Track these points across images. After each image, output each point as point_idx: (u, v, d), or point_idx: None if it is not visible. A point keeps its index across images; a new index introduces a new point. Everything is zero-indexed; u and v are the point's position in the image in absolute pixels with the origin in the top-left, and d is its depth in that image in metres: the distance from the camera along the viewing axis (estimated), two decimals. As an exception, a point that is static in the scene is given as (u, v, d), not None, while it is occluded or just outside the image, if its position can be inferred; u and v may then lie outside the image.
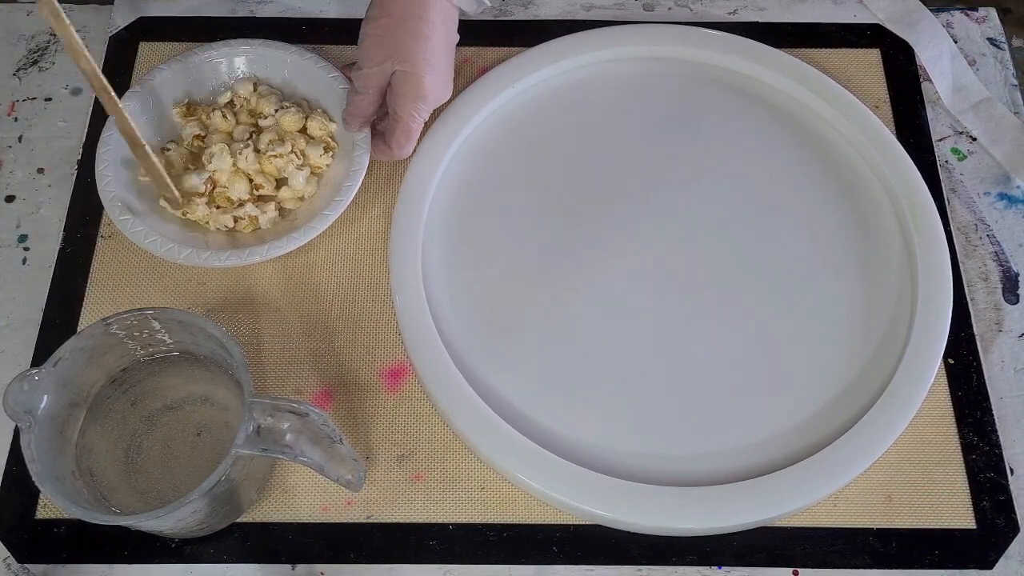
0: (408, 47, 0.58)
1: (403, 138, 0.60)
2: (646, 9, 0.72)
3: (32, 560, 0.53)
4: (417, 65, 0.58)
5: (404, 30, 0.58)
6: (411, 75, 0.59)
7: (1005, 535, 0.53)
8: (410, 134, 0.60)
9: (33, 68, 0.69)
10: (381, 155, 0.62)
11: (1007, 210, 0.64)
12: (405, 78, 0.59)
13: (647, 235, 0.61)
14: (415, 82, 0.59)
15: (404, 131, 0.60)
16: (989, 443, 0.56)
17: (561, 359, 0.58)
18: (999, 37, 0.71)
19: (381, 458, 0.55)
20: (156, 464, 0.54)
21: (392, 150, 0.61)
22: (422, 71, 0.59)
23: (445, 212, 0.63)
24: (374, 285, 0.60)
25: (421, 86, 0.59)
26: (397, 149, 0.61)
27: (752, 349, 0.58)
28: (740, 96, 0.67)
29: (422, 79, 0.59)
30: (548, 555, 0.53)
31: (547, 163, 0.64)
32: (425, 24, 0.59)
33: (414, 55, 0.58)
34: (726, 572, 0.53)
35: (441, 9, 0.60)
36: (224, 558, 0.53)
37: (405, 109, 0.59)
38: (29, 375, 0.49)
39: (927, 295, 0.58)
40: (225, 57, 0.64)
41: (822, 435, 0.55)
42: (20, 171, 0.65)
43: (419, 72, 0.58)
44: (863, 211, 0.63)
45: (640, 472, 0.54)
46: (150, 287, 0.60)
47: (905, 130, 0.66)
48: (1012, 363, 0.59)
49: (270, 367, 0.58)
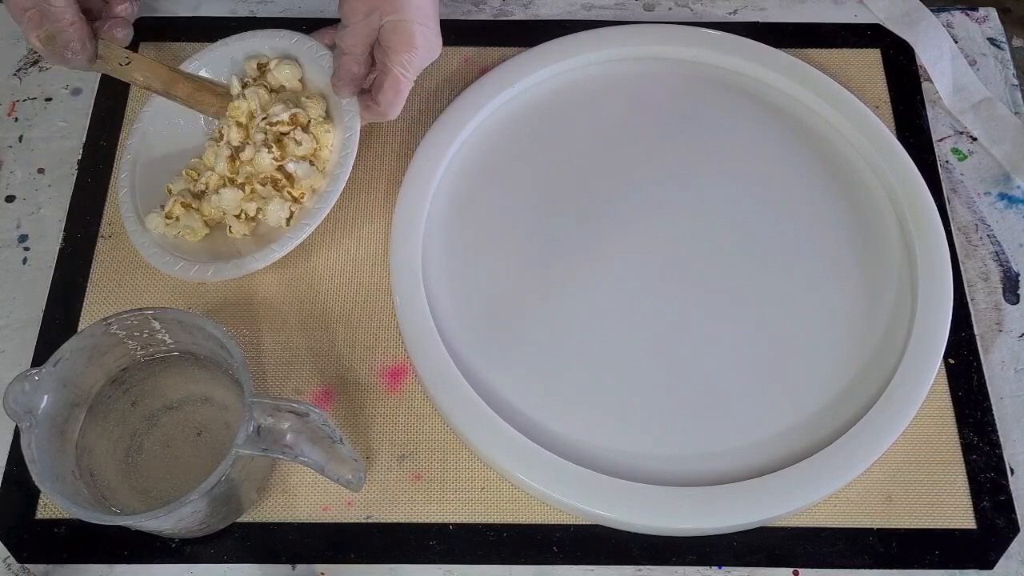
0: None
1: (392, 93, 0.56)
2: (646, 9, 0.72)
3: (32, 560, 0.53)
4: (407, 12, 0.55)
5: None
6: (401, 24, 0.55)
7: (1005, 535, 0.53)
8: (399, 88, 0.57)
9: (33, 68, 0.69)
10: (367, 114, 0.58)
11: (1007, 210, 0.64)
12: (394, 28, 0.55)
13: (647, 235, 0.61)
14: (405, 31, 0.55)
15: (393, 84, 0.56)
16: (989, 443, 0.56)
17: (561, 359, 0.58)
18: (999, 37, 0.71)
19: (381, 458, 0.55)
20: (156, 464, 0.54)
21: (381, 107, 0.57)
22: (412, 19, 0.55)
23: (445, 212, 0.63)
24: (374, 285, 0.60)
25: (412, 36, 0.55)
26: (386, 106, 0.57)
27: (752, 349, 0.58)
28: (740, 96, 0.67)
29: (412, 28, 0.55)
30: (548, 555, 0.53)
31: (547, 163, 0.64)
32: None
33: (402, 4, 0.55)
34: (726, 572, 0.53)
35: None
36: (224, 558, 0.53)
37: (395, 60, 0.56)
38: (29, 375, 0.49)
39: (927, 295, 0.58)
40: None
41: (822, 435, 0.55)
42: (20, 171, 0.65)
43: (409, 20, 0.55)
44: (863, 211, 0.63)
45: (640, 472, 0.54)
46: (150, 287, 0.60)
47: (905, 130, 0.66)
48: (1012, 363, 0.59)
49: (270, 367, 0.58)
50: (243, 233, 0.60)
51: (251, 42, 0.64)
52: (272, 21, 0.70)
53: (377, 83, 0.57)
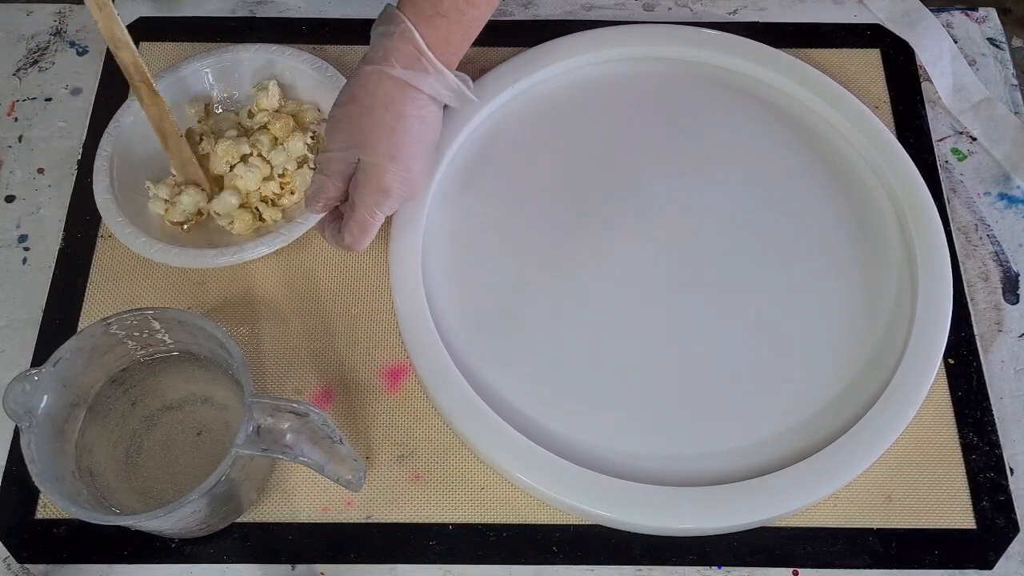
0: (371, 138, 0.54)
1: (357, 230, 0.56)
2: (646, 9, 0.72)
3: (32, 560, 0.53)
4: (379, 156, 0.54)
5: (369, 120, 0.54)
6: (373, 167, 0.54)
7: (1005, 535, 0.53)
8: (365, 228, 0.56)
9: (33, 68, 0.69)
10: (331, 241, 0.58)
11: (1007, 210, 0.64)
12: (366, 169, 0.55)
13: (646, 236, 0.61)
14: (376, 174, 0.54)
15: (359, 223, 0.55)
16: (989, 443, 0.56)
17: (561, 359, 0.58)
18: (999, 37, 0.71)
19: (381, 458, 0.55)
20: (156, 464, 0.54)
21: (344, 239, 0.56)
22: (384, 163, 0.54)
23: (445, 212, 0.62)
24: (374, 285, 0.60)
25: (382, 179, 0.54)
26: (350, 240, 0.56)
27: (752, 349, 0.58)
28: (740, 96, 0.67)
29: (383, 172, 0.54)
30: (548, 555, 0.53)
31: (547, 163, 0.64)
32: (392, 115, 0.54)
33: (376, 146, 0.54)
34: (726, 572, 0.53)
35: (417, 104, 0.55)
36: (224, 558, 0.53)
37: (363, 201, 0.55)
38: (29, 375, 0.49)
39: (927, 295, 0.58)
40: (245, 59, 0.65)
41: (822, 435, 0.55)
42: (20, 171, 0.65)
43: (381, 164, 0.54)
44: (863, 211, 0.63)
45: (640, 472, 0.54)
46: (150, 287, 0.60)
47: (905, 130, 0.66)
48: (1012, 363, 0.59)
49: (270, 367, 0.58)
50: (274, 218, 0.61)
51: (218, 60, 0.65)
52: (272, 21, 0.70)
53: (345, 219, 0.56)
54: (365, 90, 0.55)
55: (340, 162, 0.55)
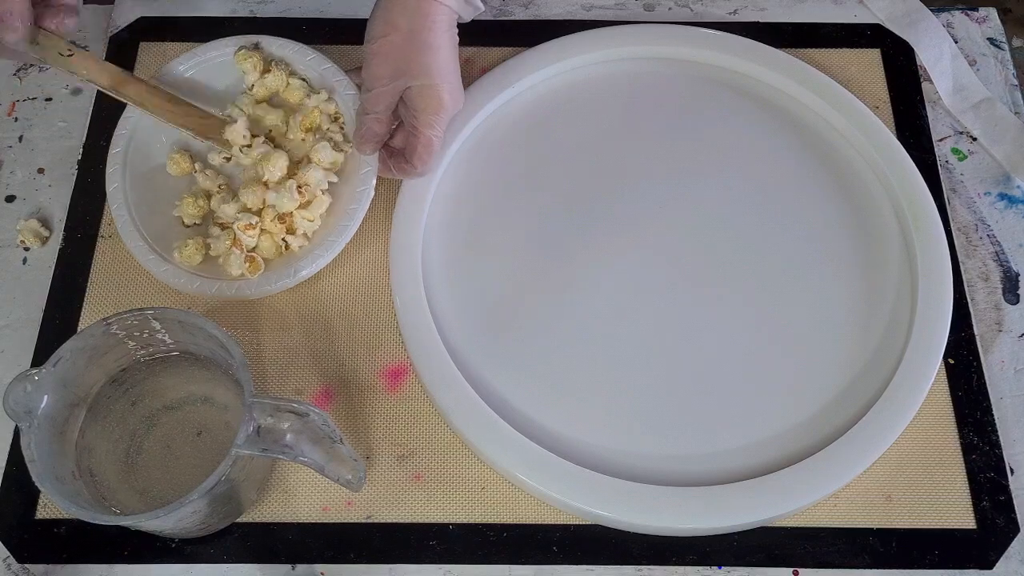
0: (421, 61, 0.56)
1: (426, 153, 0.58)
2: (646, 9, 0.72)
3: (32, 560, 0.53)
4: (433, 77, 0.57)
5: (414, 44, 0.56)
6: (429, 88, 0.57)
7: (1005, 535, 0.53)
8: (432, 148, 0.58)
9: (33, 68, 0.69)
10: (401, 173, 0.60)
11: (1007, 210, 0.64)
12: (423, 92, 0.57)
13: (646, 236, 0.61)
14: (434, 95, 0.57)
15: (426, 146, 0.58)
16: (989, 443, 0.56)
17: (561, 359, 0.58)
18: (999, 37, 0.71)
19: (381, 458, 0.55)
20: (156, 464, 0.54)
21: (415, 167, 0.59)
22: (439, 83, 0.57)
23: (445, 212, 0.62)
24: (374, 285, 0.60)
25: (441, 98, 0.57)
26: (420, 165, 0.59)
27: (752, 349, 0.58)
28: (740, 96, 0.67)
29: (441, 91, 0.57)
30: (548, 555, 0.53)
31: (547, 163, 0.64)
32: (434, 34, 0.57)
33: (428, 68, 0.56)
34: (726, 572, 0.53)
35: (445, 15, 0.58)
36: (224, 558, 0.53)
37: (426, 123, 0.57)
38: (29, 375, 0.49)
39: (927, 295, 0.58)
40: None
41: (822, 435, 0.55)
42: (20, 171, 0.65)
43: (437, 84, 0.57)
44: (863, 211, 0.63)
45: (640, 472, 0.54)
46: (150, 287, 0.60)
47: (905, 130, 0.66)
48: (1012, 363, 0.59)
49: (270, 367, 0.58)
50: (300, 245, 0.59)
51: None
52: (272, 21, 0.70)
53: (410, 147, 0.58)
54: (403, 15, 0.56)
55: (387, 96, 0.57)
